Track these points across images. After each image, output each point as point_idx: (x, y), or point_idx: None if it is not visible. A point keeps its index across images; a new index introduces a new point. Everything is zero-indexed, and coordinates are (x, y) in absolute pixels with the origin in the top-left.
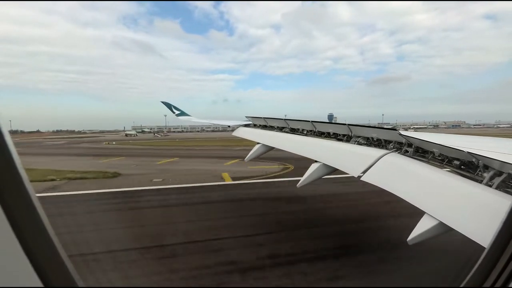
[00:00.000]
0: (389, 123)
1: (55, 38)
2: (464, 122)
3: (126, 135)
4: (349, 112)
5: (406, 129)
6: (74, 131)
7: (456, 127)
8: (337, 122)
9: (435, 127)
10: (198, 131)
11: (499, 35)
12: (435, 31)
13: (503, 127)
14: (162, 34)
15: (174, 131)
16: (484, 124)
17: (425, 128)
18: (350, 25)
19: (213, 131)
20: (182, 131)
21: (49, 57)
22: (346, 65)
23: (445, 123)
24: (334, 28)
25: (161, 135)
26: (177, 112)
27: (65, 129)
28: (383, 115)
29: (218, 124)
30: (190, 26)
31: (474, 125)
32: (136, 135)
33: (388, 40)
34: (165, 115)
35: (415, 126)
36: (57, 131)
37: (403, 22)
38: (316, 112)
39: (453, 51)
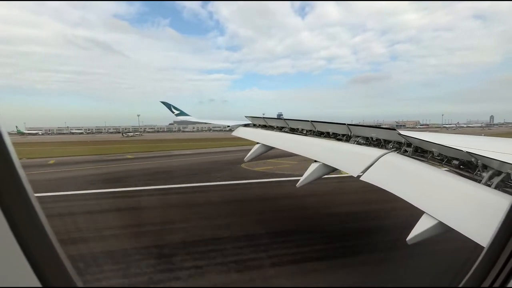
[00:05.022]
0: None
1: (46, 37)
2: (418, 122)
3: None
4: (345, 112)
5: None
6: None
7: (400, 127)
8: (332, 122)
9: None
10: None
11: (489, 34)
12: (426, 31)
13: (450, 126)
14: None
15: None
16: (429, 125)
17: None
18: (340, 24)
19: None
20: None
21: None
22: (340, 65)
23: (397, 122)
24: (324, 27)
25: None
26: (176, 112)
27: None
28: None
29: (217, 124)
30: (182, 26)
31: (420, 125)
32: None
33: (380, 40)
34: (138, 115)
35: None
36: None
37: (393, 22)
38: (312, 112)
39: (445, 51)
